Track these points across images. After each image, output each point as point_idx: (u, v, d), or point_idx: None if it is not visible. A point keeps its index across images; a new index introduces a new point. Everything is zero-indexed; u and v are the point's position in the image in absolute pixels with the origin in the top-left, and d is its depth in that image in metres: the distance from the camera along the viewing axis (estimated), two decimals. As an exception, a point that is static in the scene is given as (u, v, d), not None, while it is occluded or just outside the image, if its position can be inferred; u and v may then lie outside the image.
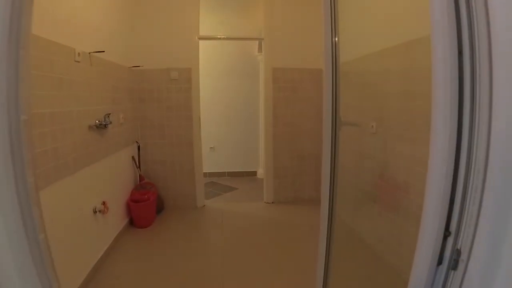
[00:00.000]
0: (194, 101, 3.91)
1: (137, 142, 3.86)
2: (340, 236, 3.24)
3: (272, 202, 4.25)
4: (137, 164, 3.83)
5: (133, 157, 3.77)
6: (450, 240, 0.80)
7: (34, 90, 1.82)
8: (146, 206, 3.49)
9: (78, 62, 2.38)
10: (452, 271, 0.79)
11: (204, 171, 5.54)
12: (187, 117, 3.93)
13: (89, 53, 2.56)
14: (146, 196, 3.57)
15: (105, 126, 2.78)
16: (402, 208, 2.41)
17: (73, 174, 2.30)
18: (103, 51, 2.65)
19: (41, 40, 1.90)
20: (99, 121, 2.69)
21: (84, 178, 2.48)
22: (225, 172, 5.77)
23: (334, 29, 1.79)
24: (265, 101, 4.06)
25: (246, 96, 5.57)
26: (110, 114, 2.81)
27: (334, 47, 1.77)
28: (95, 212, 2.63)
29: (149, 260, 2.84)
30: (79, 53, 2.37)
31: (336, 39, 1.76)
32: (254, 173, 5.81)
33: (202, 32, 3.94)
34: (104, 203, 2.77)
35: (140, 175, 3.84)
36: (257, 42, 5.27)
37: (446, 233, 0.80)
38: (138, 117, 3.90)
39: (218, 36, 4.73)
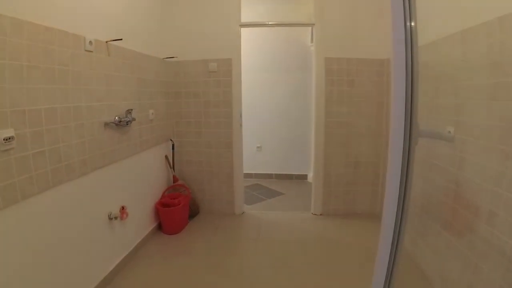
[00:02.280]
0: (234, 96, 3.60)
1: (171, 140, 3.68)
2: (403, 268, 2.73)
3: (321, 214, 3.79)
4: (171, 164, 3.65)
5: (166, 157, 3.60)
6: None
7: (22, 83, 1.64)
8: (175, 212, 3.27)
9: (90, 51, 2.19)
10: None
11: (249, 172, 5.38)
12: (226, 113, 3.64)
13: (106, 42, 2.36)
14: (177, 200, 3.36)
15: (127, 123, 2.59)
16: (480, 244, 1.86)
17: (82, 177, 2.11)
18: (121, 39, 2.42)
19: (32, 25, 1.69)
20: (119, 117, 2.50)
21: (97, 181, 2.29)
22: (272, 174, 5.42)
23: (408, 11, 1.31)
24: (316, 96, 3.59)
25: (297, 92, 5.15)
26: (132, 110, 2.62)
27: (410, 33, 1.30)
28: (110, 218, 2.47)
29: (169, 273, 2.60)
30: (90, 42, 2.16)
31: (412, 23, 1.28)
32: (304, 177, 5.37)
33: (244, 19, 3.60)
34: (123, 208, 2.60)
35: (173, 176, 3.66)
36: (310, 30, 4.82)
37: None
38: (172, 113, 3.70)
39: (262, 22, 4.33)
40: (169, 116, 3.64)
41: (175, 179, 3.65)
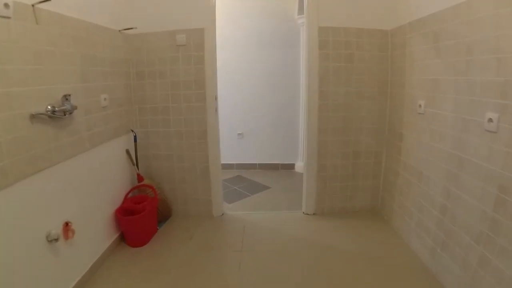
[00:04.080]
0: (208, 75, 3.02)
1: (132, 131, 3.09)
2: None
3: (314, 214, 3.33)
4: (133, 160, 3.09)
5: (127, 152, 3.02)
6: None
7: None
8: (139, 220, 2.72)
9: (7, 18, 1.57)
10: None
11: (230, 162, 4.86)
12: (199, 96, 3.06)
13: (32, 5, 1.75)
14: (142, 205, 2.79)
15: (66, 113, 1.99)
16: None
17: (1, 191, 1.57)
18: (50, 0, 1.83)
19: None
20: (52, 106, 1.90)
21: (26, 194, 1.72)
22: (255, 164, 4.92)
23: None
24: (308, 74, 3.05)
25: (284, 70, 4.62)
26: (70, 95, 2.01)
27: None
28: (50, 240, 1.91)
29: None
30: (6, 4, 1.55)
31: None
32: (291, 166, 4.91)
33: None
34: (66, 224, 2.03)
35: (138, 175, 3.09)
36: (297, 2, 4.25)
37: None
38: (134, 98, 3.11)
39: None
40: (129, 101, 3.04)
41: (139, 178, 3.09)
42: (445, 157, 2.16)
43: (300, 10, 4.20)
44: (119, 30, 2.81)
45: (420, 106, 2.50)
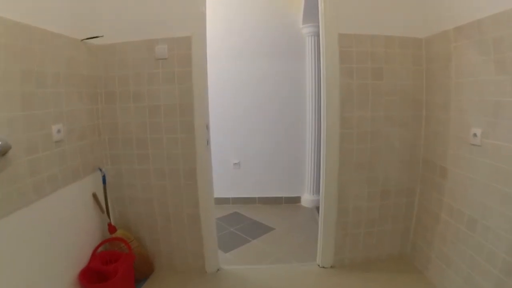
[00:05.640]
0: (197, 97, 2.36)
1: (100, 170, 2.43)
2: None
3: (331, 267, 2.64)
4: (103, 206, 2.39)
5: (94, 196, 2.33)
6: None
7: None
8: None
9: None
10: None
11: (224, 196, 4.16)
12: (185, 125, 2.39)
13: None
14: (113, 266, 2.11)
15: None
16: None
17: None
18: None
19: None
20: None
21: None
22: (255, 198, 4.23)
23: None
24: (327, 96, 2.41)
25: (287, 88, 4.00)
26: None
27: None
28: None
29: None
30: None
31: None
32: (297, 200, 4.24)
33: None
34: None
35: (109, 225, 2.40)
36: (302, 9, 3.66)
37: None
38: (102, 127, 2.44)
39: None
40: (95, 131, 2.37)
41: (111, 229, 2.39)
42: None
43: (306, 18, 3.63)
44: (82, 40, 2.16)
45: (475, 135, 1.92)
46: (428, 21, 2.32)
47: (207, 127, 2.43)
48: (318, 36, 3.76)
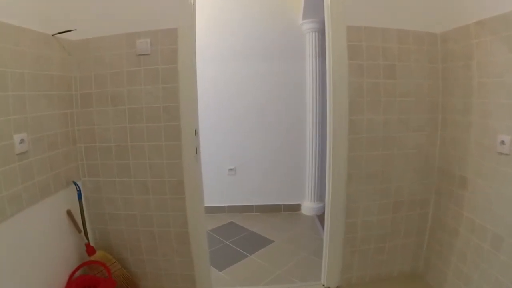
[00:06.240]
0: (185, 99, 2.05)
1: (75, 184, 2.10)
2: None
3: (338, 287, 2.38)
4: (79, 225, 2.07)
5: (69, 213, 2.02)
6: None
7: None
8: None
9: None
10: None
11: (219, 205, 3.85)
12: (170, 131, 2.08)
13: None
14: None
15: None
16: None
17: None
18: None
19: None
20: None
21: None
22: (252, 206, 3.92)
23: None
24: (333, 96, 2.11)
25: (286, 89, 3.72)
26: None
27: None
28: None
29: None
30: None
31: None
32: (297, 207, 3.95)
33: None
34: None
35: (87, 246, 2.08)
36: (301, 2, 3.38)
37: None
38: (78, 134, 2.13)
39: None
40: (69, 139, 2.06)
41: (90, 251, 2.09)
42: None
43: (306, 12, 3.34)
44: (53, 35, 1.86)
45: (502, 143, 1.68)
46: (444, 15, 2.06)
47: (196, 133, 2.12)
48: (319, 32, 3.53)
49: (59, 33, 1.89)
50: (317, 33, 3.49)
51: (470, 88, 1.90)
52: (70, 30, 1.92)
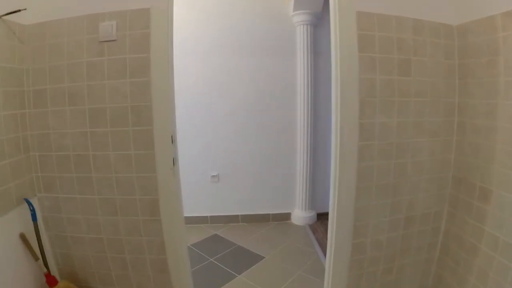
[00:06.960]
0: (158, 98, 1.68)
1: (28, 202, 1.70)
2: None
3: (341, 315, 2.07)
4: (35, 252, 1.69)
5: (23, 237, 1.63)
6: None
7: None
8: None
9: None
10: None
11: (202, 215, 3.46)
12: (141, 137, 1.70)
13: None
14: None
15: None
16: None
17: None
18: None
19: None
20: None
21: None
22: (237, 216, 3.56)
23: None
24: (340, 96, 1.76)
25: (275, 88, 3.39)
26: None
27: None
28: None
29: None
30: None
31: None
32: (286, 217, 3.62)
33: None
34: None
35: (46, 276, 1.70)
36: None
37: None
38: (31, 140, 1.73)
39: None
40: (19, 146, 1.66)
41: (51, 282, 1.70)
42: None
43: (298, 3, 3.02)
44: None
45: None
46: (462, 4, 1.77)
47: (173, 140, 1.74)
48: (312, 25, 3.18)
49: (6, 14, 1.50)
50: (308, 26, 3.18)
51: (495, 88, 1.62)
52: (19, 10, 1.53)
